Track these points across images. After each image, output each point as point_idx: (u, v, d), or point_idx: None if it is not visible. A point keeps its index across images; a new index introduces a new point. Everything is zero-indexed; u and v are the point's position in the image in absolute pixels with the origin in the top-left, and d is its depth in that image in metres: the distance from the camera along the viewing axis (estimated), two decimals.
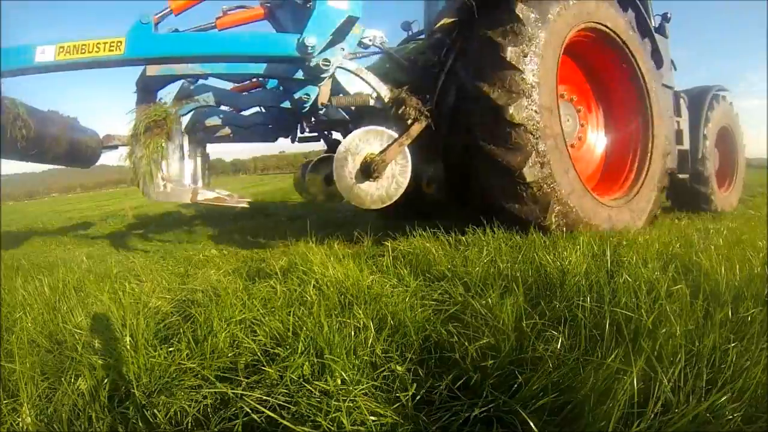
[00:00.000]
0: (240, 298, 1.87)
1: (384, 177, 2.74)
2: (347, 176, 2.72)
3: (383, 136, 2.75)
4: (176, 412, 1.20)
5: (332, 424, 1.06)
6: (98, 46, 2.54)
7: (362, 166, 2.70)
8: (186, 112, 3.27)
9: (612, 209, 3.19)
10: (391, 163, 2.74)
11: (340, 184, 2.73)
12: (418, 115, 2.86)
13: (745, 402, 1.02)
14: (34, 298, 2.06)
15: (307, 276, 2.10)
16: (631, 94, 3.74)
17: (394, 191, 2.78)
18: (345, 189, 2.73)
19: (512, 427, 1.03)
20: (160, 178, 2.91)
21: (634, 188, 3.54)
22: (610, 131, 3.89)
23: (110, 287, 2.22)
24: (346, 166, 2.72)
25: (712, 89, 5.79)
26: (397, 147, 2.72)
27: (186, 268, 2.98)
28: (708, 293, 1.58)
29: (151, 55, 2.66)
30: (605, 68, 3.77)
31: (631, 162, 3.69)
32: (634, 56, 3.63)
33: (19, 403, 1.24)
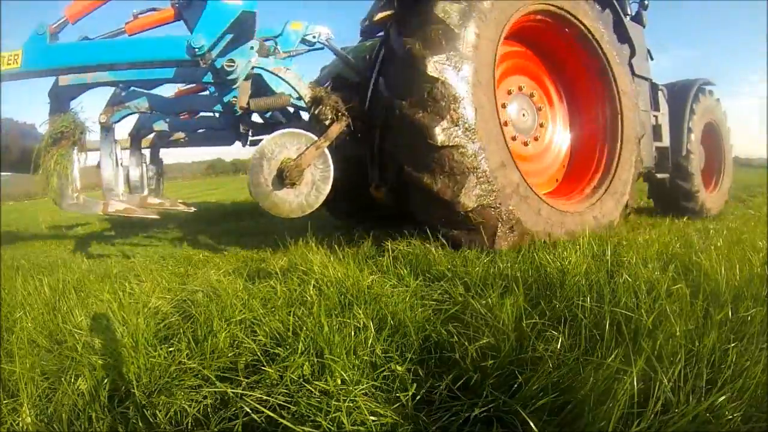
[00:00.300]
0: (240, 298, 1.87)
1: (303, 183, 2.53)
2: (263, 183, 2.51)
3: (301, 139, 2.54)
4: (176, 412, 1.20)
5: (332, 424, 1.06)
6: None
7: (279, 172, 2.49)
8: (118, 119, 3.20)
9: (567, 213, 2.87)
10: (311, 169, 2.53)
11: (256, 191, 2.53)
12: (335, 114, 2.64)
13: (745, 402, 1.02)
14: (34, 298, 2.06)
15: (307, 276, 2.10)
16: (596, 86, 3.45)
17: (314, 199, 2.57)
18: (261, 197, 2.53)
19: (512, 427, 1.03)
20: (71, 190, 2.85)
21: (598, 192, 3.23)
22: (576, 126, 3.61)
23: (110, 287, 2.22)
24: (262, 172, 2.50)
25: (697, 82, 5.41)
26: (314, 150, 2.50)
27: (186, 268, 2.98)
28: (708, 293, 1.58)
29: (48, 66, 2.58)
30: (567, 57, 3.47)
31: (596, 163, 3.41)
32: (599, 43, 3.32)
33: (19, 403, 1.24)
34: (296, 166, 2.46)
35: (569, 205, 3.06)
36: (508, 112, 3.22)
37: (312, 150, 2.49)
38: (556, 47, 3.41)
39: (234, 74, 2.62)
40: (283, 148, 2.52)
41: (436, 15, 2.46)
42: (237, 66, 2.59)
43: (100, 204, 2.96)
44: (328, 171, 2.56)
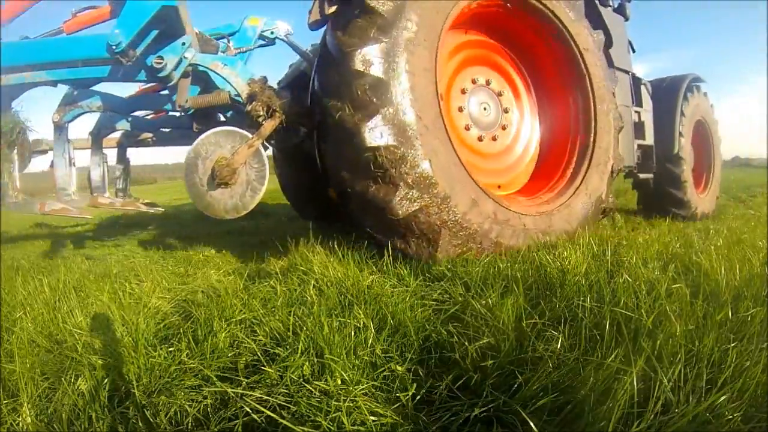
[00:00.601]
0: (240, 298, 1.87)
1: (238, 183, 2.45)
2: (198, 183, 2.44)
3: (236, 137, 2.45)
4: (176, 412, 1.20)
5: (332, 424, 1.06)
6: None
7: (213, 171, 2.42)
8: (70, 118, 3.17)
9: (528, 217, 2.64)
10: (246, 168, 2.46)
11: (191, 192, 2.47)
12: (267, 111, 2.51)
13: (745, 402, 1.02)
14: (34, 298, 2.06)
15: (307, 276, 2.10)
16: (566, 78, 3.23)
17: (249, 199, 2.48)
18: (196, 197, 2.47)
19: (512, 427, 1.03)
20: (12, 189, 2.83)
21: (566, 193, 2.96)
22: (544, 123, 3.39)
23: (110, 287, 2.22)
24: (196, 172, 2.44)
25: (687, 78, 5.18)
26: (246, 149, 2.41)
27: (186, 268, 2.98)
28: (708, 293, 1.58)
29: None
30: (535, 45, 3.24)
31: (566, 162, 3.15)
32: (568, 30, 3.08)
33: (19, 403, 1.24)
34: (228, 165, 2.39)
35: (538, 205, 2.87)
36: (467, 106, 3.05)
37: (244, 148, 2.41)
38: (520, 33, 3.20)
39: (164, 72, 2.56)
40: (217, 147, 2.45)
41: (367, 4, 2.24)
42: (166, 63, 2.53)
43: (37, 203, 2.92)
44: (264, 170, 2.48)
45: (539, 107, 3.45)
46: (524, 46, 3.29)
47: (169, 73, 2.60)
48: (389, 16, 2.26)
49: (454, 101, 3.00)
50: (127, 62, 2.46)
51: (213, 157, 2.43)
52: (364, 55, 2.20)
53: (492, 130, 3.17)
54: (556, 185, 3.08)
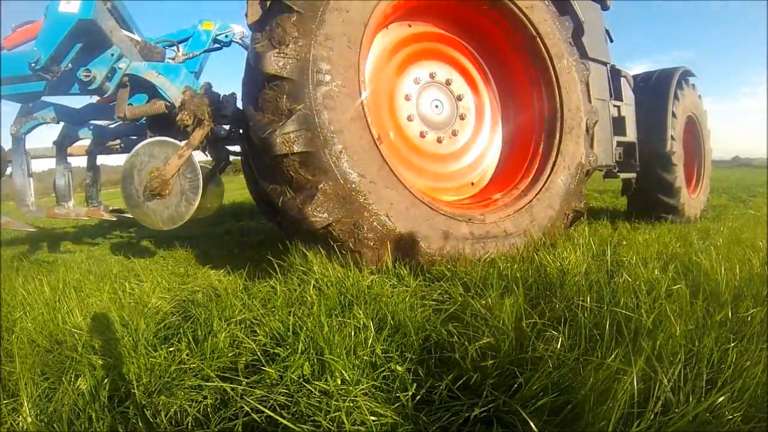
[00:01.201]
0: (240, 298, 1.87)
1: (172, 194, 2.45)
2: (134, 195, 2.45)
3: (169, 148, 2.44)
4: (176, 412, 1.20)
5: (332, 423, 1.06)
6: None
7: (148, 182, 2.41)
8: (27, 130, 3.18)
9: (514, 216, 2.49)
10: (178, 178, 2.44)
11: (128, 203, 2.49)
12: (194, 120, 2.49)
13: (745, 402, 1.02)
14: (34, 298, 2.06)
15: (307, 276, 2.10)
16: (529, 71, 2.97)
17: (184, 209, 2.47)
18: (133, 208, 2.49)
19: (512, 427, 1.03)
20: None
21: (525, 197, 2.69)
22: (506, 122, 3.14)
23: (110, 287, 2.22)
24: (132, 183, 2.44)
25: (678, 71, 4.87)
26: (176, 159, 2.39)
27: (186, 268, 2.98)
28: (708, 293, 1.58)
29: None
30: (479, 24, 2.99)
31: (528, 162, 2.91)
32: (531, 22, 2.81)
33: (19, 403, 1.24)
34: (158, 176, 2.39)
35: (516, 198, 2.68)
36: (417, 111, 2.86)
37: (175, 159, 2.39)
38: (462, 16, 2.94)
39: (94, 84, 2.57)
40: (152, 158, 2.44)
41: (267, 73, 2.07)
42: (94, 75, 2.54)
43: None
44: (197, 180, 2.45)
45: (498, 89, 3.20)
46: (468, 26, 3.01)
47: (101, 85, 2.60)
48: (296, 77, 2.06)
49: (401, 112, 2.80)
50: (52, 77, 2.48)
51: (148, 168, 2.43)
52: (283, 135, 2.02)
53: (450, 126, 2.98)
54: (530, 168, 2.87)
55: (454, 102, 3.03)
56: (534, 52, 2.90)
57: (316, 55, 2.08)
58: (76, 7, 2.37)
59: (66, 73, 2.61)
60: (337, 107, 2.10)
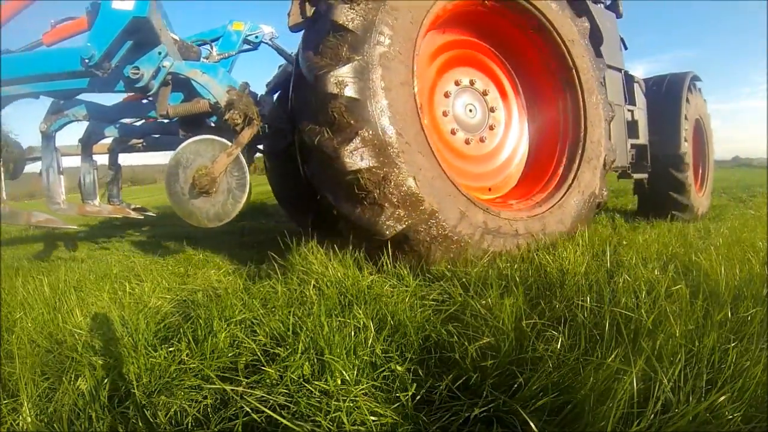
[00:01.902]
0: (240, 298, 1.87)
1: (219, 192, 2.48)
2: (179, 192, 2.47)
3: (215, 146, 2.47)
4: (176, 412, 1.20)
5: (332, 423, 1.06)
6: None
7: (194, 180, 2.44)
8: (57, 127, 3.18)
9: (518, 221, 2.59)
10: (226, 176, 2.48)
11: (172, 200, 2.50)
12: (244, 119, 2.52)
13: (745, 402, 1.02)
14: (34, 298, 2.06)
15: (307, 276, 2.10)
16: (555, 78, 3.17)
17: (231, 207, 2.51)
18: (178, 206, 2.50)
19: (512, 427, 1.03)
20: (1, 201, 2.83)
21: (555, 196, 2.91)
22: (532, 125, 3.34)
23: (110, 287, 2.22)
24: (177, 180, 2.47)
25: (688, 77, 5.08)
26: (225, 158, 2.43)
27: (186, 268, 2.98)
28: (708, 293, 1.58)
29: None
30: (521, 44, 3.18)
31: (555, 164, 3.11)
32: (557, 31, 3.01)
33: (19, 403, 1.24)
34: (207, 174, 2.42)
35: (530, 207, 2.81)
36: (452, 110, 3.00)
37: (224, 157, 2.43)
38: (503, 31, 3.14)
39: (141, 82, 2.56)
40: (198, 156, 2.47)
41: (335, 21, 2.19)
42: (143, 73, 2.54)
43: (23, 214, 2.94)
44: (244, 178, 2.49)
45: (527, 105, 3.39)
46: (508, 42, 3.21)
47: (147, 83, 2.60)
48: (359, 32, 2.20)
49: (438, 106, 2.95)
50: (103, 74, 2.47)
51: (193, 165, 2.46)
52: (337, 76, 2.14)
53: (479, 132, 3.12)
54: (548, 185, 3.03)
55: (486, 112, 3.19)
56: (568, 82, 3.12)
57: (381, 20, 2.26)
58: (131, 5, 2.38)
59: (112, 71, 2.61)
60: (391, 68, 2.26)
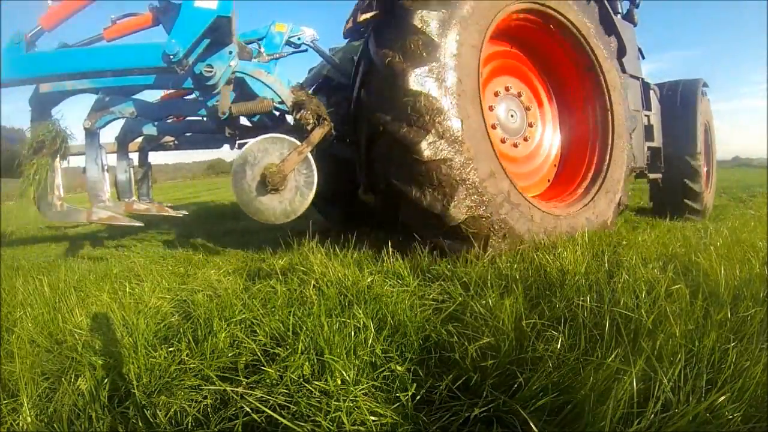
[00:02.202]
0: (240, 298, 1.87)
1: (287, 189, 2.53)
2: (246, 189, 2.51)
3: (284, 145, 2.53)
4: (176, 412, 1.20)
5: (332, 423, 1.06)
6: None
7: (262, 177, 2.49)
8: (102, 124, 3.17)
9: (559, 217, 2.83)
10: (294, 174, 2.54)
11: (240, 198, 2.54)
12: (317, 119, 2.63)
13: (745, 402, 1.02)
14: (35, 298, 2.06)
15: (307, 276, 2.11)
16: (587, 87, 3.44)
17: (299, 204, 2.56)
18: (245, 203, 2.54)
19: (512, 427, 1.03)
20: (55, 198, 2.83)
21: (589, 194, 3.19)
22: (565, 129, 3.61)
23: (110, 287, 2.22)
24: (245, 178, 2.51)
25: (699, 83, 5.50)
26: (296, 156, 2.50)
27: (186, 268, 2.98)
28: (707, 293, 1.58)
29: (27, 75, 2.55)
30: (558, 57, 3.46)
31: (587, 165, 3.39)
32: (588, 43, 3.29)
33: (19, 403, 1.24)
34: (279, 171, 2.46)
35: (562, 207, 3.02)
36: (496, 114, 3.18)
37: (294, 155, 2.49)
38: (542, 44, 3.38)
39: (213, 80, 2.61)
40: (265, 154, 2.51)
41: (414, 25, 2.42)
42: (215, 72, 2.58)
43: (83, 212, 2.94)
44: (312, 176, 2.55)
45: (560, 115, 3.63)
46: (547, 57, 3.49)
47: (217, 81, 2.64)
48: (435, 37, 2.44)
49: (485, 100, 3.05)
50: (181, 71, 2.49)
51: (261, 163, 2.50)
52: (423, 15, 2.41)
53: (515, 138, 3.29)
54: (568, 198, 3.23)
55: (525, 120, 3.40)
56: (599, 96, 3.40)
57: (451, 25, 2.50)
58: (215, 4, 2.42)
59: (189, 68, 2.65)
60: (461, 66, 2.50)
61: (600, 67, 3.35)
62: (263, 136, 2.55)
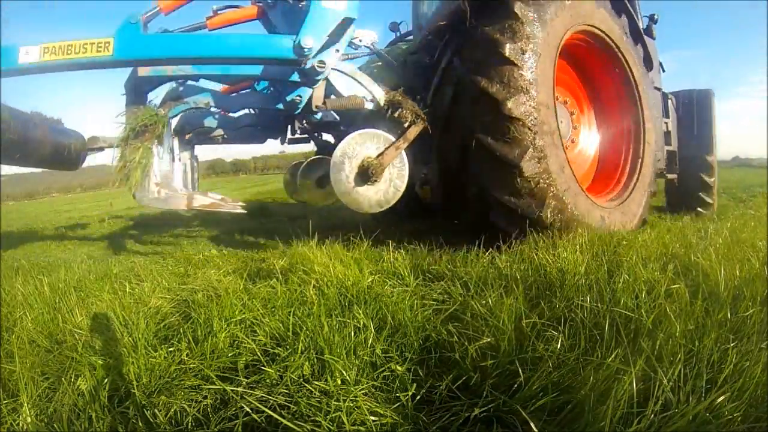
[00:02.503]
0: (240, 298, 1.87)
1: (382, 181, 2.70)
2: (344, 180, 2.67)
3: (380, 139, 2.71)
4: (176, 412, 1.20)
5: (332, 423, 1.06)
6: (85, 47, 2.46)
7: (360, 169, 2.65)
8: (176, 113, 3.20)
9: (605, 210, 3.18)
10: (389, 167, 2.70)
11: (338, 188, 2.68)
12: (415, 117, 2.83)
13: (745, 402, 1.02)
14: (34, 298, 2.06)
15: (308, 276, 2.10)
16: (623, 98, 3.80)
17: (392, 195, 2.75)
18: (343, 193, 2.69)
19: (512, 427, 1.03)
20: (154, 184, 2.84)
21: (626, 191, 3.56)
22: (603, 134, 3.94)
23: (110, 287, 2.22)
24: (344, 170, 2.66)
25: (711, 92, 6.07)
26: (394, 150, 2.69)
27: (186, 268, 2.98)
28: (707, 293, 1.58)
29: (140, 56, 2.60)
30: (598, 71, 3.81)
31: (623, 165, 3.75)
32: (627, 60, 3.68)
33: (19, 403, 1.24)
34: (379, 164, 2.64)
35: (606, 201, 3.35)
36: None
37: (392, 150, 2.69)
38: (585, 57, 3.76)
39: (323, 75, 2.79)
40: (363, 147, 2.68)
41: (514, 12, 2.81)
42: (327, 67, 2.75)
43: (183, 199, 2.96)
44: (405, 169, 2.76)
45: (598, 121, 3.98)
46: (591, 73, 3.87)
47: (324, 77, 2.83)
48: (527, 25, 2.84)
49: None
50: (303, 65, 2.65)
51: (359, 156, 2.67)
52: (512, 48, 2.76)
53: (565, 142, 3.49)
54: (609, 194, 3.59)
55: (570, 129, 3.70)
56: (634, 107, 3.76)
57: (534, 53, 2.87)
58: (344, 5, 2.64)
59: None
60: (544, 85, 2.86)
61: (634, 78, 3.70)
62: (361, 131, 2.72)
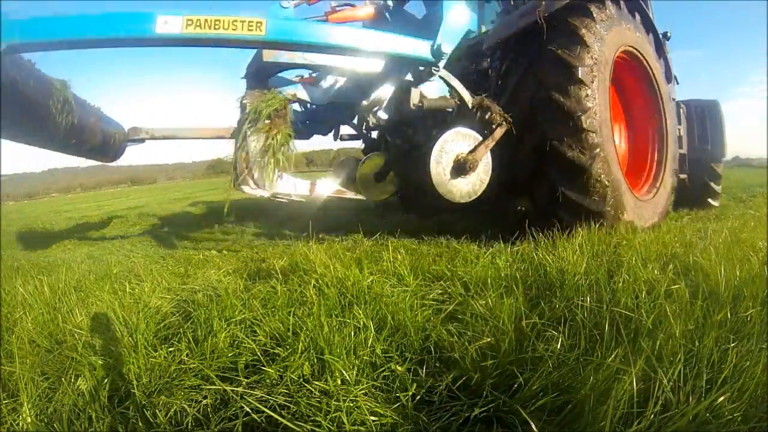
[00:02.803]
0: (240, 298, 1.87)
1: (472, 174, 3.01)
2: (442, 173, 2.96)
3: (470, 138, 3.02)
4: (176, 412, 1.20)
5: (332, 423, 1.06)
6: (235, 24, 2.43)
7: (455, 163, 2.95)
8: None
9: (642, 203, 3.61)
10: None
11: (436, 180, 2.95)
12: (502, 120, 3.12)
13: (745, 402, 1.02)
14: (34, 298, 2.06)
15: (308, 276, 2.10)
16: (651, 108, 4.29)
17: (479, 187, 3.07)
18: (440, 184, 2.96)
19: (512, 427, 1.03)
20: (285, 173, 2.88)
21: (653, 188, 4.01)
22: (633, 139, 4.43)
23: (110, 287, 2.22)
24: (441, 163, 2.94)
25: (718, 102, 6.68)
26: (484, 148, 3.00)
27: (186, 268, 2.98)
28: (707, 293, 1.58)
29: (290, 40, 2.62)
30: (632, 85, 4.26)
31: (649, 166, 4.22)
32: (655, 75, 4.13)
33: (19, 403, 1.24)
34: (473, 159, 2.95)
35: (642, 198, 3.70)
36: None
37: (483, 147, 3.01)
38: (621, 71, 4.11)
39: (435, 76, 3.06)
40: (456, 144, 2.99)
41: (583, 40, 3.15)
42: (440, 71, 3.02)
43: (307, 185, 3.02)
44: (489, 165, 3.10)
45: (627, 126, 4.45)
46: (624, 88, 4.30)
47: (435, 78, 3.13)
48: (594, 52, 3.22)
49: None
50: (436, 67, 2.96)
51: (453, 152, 2.98)
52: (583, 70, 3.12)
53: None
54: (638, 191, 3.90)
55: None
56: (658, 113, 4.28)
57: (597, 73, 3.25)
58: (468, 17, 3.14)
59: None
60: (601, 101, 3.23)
61: (660, 91, 4.17)
62: (455, 129, 3.02)
